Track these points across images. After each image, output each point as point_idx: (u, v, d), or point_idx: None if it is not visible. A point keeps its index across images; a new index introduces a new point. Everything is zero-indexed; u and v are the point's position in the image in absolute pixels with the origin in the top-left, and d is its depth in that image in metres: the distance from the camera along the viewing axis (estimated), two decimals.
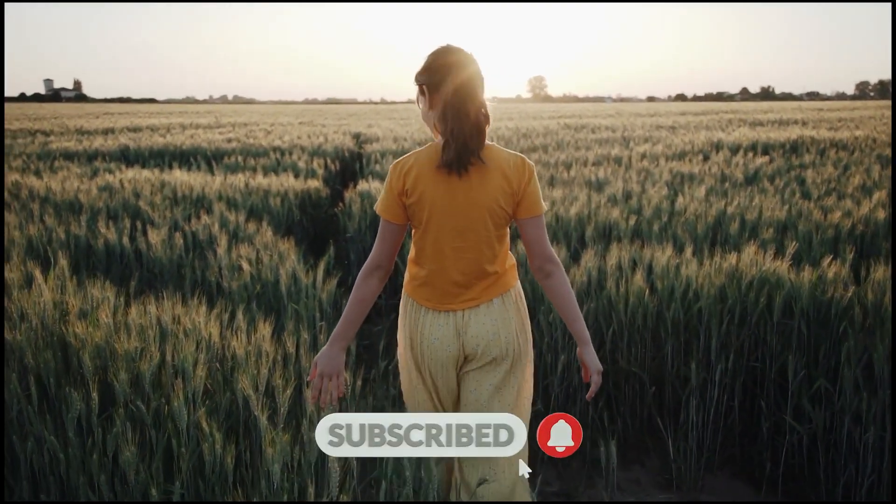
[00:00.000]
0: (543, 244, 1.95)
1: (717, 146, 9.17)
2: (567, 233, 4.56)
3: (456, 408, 2.09)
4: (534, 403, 3.28)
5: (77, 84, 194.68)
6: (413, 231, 2.00)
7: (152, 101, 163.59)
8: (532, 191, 1.91)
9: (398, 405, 2.71)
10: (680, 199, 5.04)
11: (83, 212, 4.53)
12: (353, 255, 5.28)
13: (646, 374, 3.19)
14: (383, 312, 4.80)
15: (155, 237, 3.83)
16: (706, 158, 8.03)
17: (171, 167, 7.92)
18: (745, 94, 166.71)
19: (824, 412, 2.79)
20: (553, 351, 3.15)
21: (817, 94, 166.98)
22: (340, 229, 5.56)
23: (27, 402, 1.98)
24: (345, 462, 1.98)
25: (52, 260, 3.11)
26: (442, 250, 1.93)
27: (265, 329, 2.42)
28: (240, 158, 8.28)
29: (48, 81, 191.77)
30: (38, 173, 6.72)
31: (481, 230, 1.91)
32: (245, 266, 3.52)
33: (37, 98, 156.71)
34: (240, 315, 2.62)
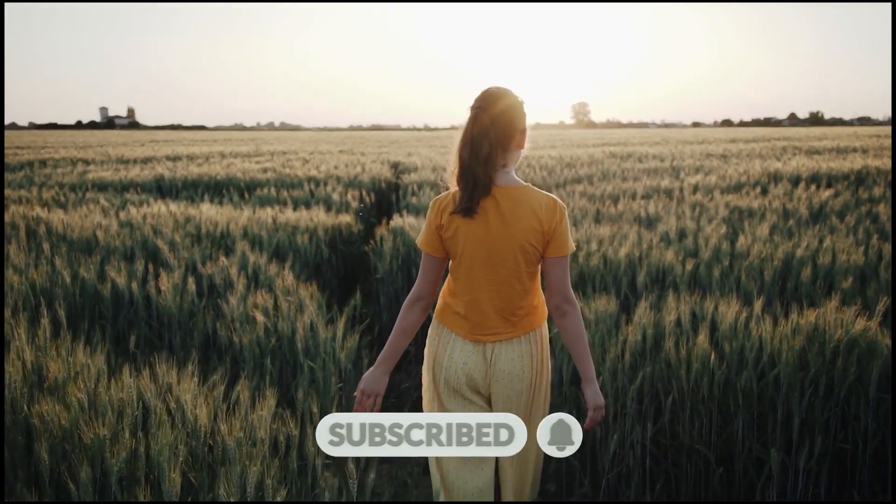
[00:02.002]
0: (564, 284, 2.04)
1: (775, 177, 8.60)
2: (616, 277, 4.12)
3: None
4: (580, 484, 2.86)
5: (130, 112, 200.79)
6: (451, 262, 2.10)
7: (202, 128, 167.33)
8: (561, 231, 2.01)
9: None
10: (741, 239, 4.56)
11: (97, 252, 4.27)
12: (384, 297, 4.92)
13: (712, 453, 2.73)
14: (413, 361, 4.42)
15: (166, 283, 3.52)
16: (765, 191, 7.50)
17: (202, 199, 7.72)
18: (793, 119, 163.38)
19: None
20: (603, 426, 2.73)
21: (869, 118, 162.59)
22: (371, 269, 5.21)
23: None
24: None
25: (45, 312, 2.82)
26: (475, 281, 2.03)
27: (265, 405, 2.07)
28: (273, 190, 8.03)
29: (103, 109, 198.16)
30: (64, 206, 6.54)
31: (512, 265, 2.00)
32: (259, 317, 3.18)
33: (92, 125, 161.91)
34: (241, 383, 2.26)
